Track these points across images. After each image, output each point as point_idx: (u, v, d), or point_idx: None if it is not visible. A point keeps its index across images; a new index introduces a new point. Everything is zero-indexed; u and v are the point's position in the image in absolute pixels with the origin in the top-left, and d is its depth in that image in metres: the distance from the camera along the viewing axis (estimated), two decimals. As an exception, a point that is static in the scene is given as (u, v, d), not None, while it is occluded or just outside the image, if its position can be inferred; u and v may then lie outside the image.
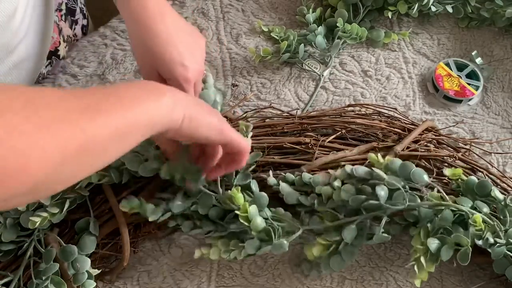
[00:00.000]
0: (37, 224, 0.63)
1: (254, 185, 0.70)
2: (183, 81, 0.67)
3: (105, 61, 0.89)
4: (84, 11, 0.98)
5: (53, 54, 0.88)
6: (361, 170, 0.68)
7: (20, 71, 0.76)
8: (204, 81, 0.74)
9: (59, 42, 0.87)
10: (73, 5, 0.92)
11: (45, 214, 0.64)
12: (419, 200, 0.66)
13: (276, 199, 0.71)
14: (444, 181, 0.73)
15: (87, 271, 0.66)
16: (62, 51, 0.88)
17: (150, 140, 0.67)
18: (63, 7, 0.90)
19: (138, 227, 0.73)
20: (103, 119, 0.45)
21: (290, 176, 0.71)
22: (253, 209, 0.66)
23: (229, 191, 0.67)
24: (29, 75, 0.79)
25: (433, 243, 0.64)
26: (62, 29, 0.89)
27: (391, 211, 0.66)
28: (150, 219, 0.67)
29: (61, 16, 0.89)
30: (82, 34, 0.98)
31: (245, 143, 0.62)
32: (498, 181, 0.76)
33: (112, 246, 0.72)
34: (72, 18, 0.92)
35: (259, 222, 0.66)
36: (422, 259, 0.63)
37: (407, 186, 0.67)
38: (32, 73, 0.81)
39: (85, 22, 0.99)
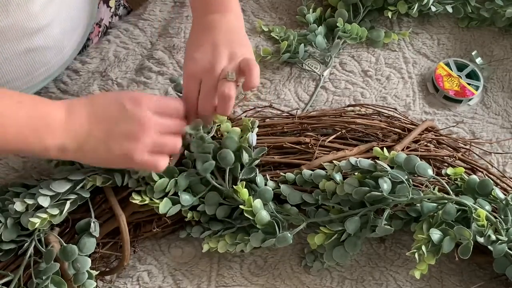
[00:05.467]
0: (37, 225, 0.63)
1: (260, 180, 0.70)
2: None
3: (108, 58, 0.89)
4: None
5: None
6: (365, 162, 0.68)
7: (32, 59, 0.74)
8: None
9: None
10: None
11: (44, 216, 0.64)
12: (422, 194, 0.67)
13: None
14: (444, 181, 0.73)
15: (87, 271, 0.65)
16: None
17: None
18: (102, 23, 0.90)
19: (138, 227, 0.73)
20: None
21: (290, 175, 0.71)
22: (257, 203, 0.68)
23: (234, 186, 0.67)
24: (42, 66, 0.77)
25: (435, 234, 0.64)
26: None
27: (394, 204, 0.67)
28: (160, 212, 0.67)
29: (98, 31, 0.89)
30: None
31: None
32: (498, 181, 0.76)
33: (112, 246, 0.72)
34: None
35: (264, 215, 0.68)
36: (424, 248, 0.64)
37: (410, 180, 0.67)
38: (47, 65, 0.78)
39: None
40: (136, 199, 0.67)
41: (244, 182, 0.68)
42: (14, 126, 0.56)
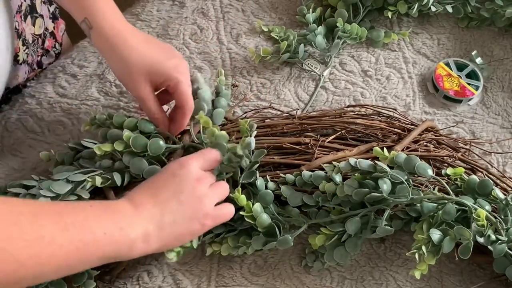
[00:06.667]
0: None
1: (260, 183, 0.70)
2: (178, 73, 0.70)
3: (105, 61, 0.89)
4: None
5: (13, 60, 0.81)
6: (364, 163, 0.68)
7: None
8: (194, 82, 0.75)
9: (19, 48, 0.82)
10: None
11: None
12: (422, 194, 0.67)
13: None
14: (444, 181, 0.73)
15: (87, 271, 0.66)
16: (21, 56, 0.83)
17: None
18: (23, 7, 0.83)
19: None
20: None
21: (290, 177, 0.71)
22: (257, 207, 0.68)
23: (231, 194, 0.67)
24: None
25: (435, 234, 0.64)
26: (23, 32, 0.83)
27: (394, 204, 0.67)
28: None
29: (21, 17, 0.83)
30: (54, 18, 0.93)
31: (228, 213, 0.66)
32: (498, 181, 0.76)
33: (112, 246, 0.72)
34: (35, 14, 0.87)
35: (264, 219, 0.68)
36: (424, 248, 0.64)
37: (410, 180, 0.67)
38: None
39: (52, 8, 0.93)
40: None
41: (241, 189, 0.68)
42: (101, 228, 0.55)
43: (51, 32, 0.93)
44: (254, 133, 0.70)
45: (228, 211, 0.65)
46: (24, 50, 0.84)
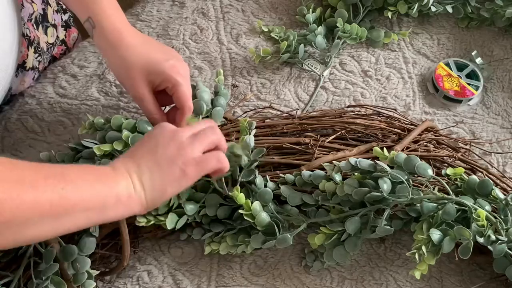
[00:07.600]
0: None
1: (259, 181, 0.70)
2: (176, 75, 0.70)
3: (105, 61, 0.89)
4: (62, 7, 0.95)
5: (20, 66, 0.82)
6: (365, 162, 0.68)
7: None
8: (193, 87, 0.75)
9: (27, 55, 0.82)
10: (44, 9, 0.88)
11: None
12: (422, 194, 0.67)
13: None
14: (444, 181, 0.73)
15: (87, 271, 0.66)
16: (30, 62, 0.83)
17: None
18: (34, 16, 0.84)
19: (138, 227, 0.73)
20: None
21: (289, 176, 0.71)
22: (256, 205, 0.68)
23: (229, 193, 0.67)
24: None
25: (435, 234, 0.64)
26: (35, 39, 0.84)
27: (394, 204, 0.67)
28: (168, 227, 0.68)
29: (33, 25, 0.84)
30: (66, 27, 0.94)
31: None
32: (498, 181, 0.76)
33: (112, 246, 0.72)
34: (46, 24, 0.88)
35: (263, 217, 0.68)
36: (424, 248, 0.64)
37: (410, 180, 0.67)
38: None
39: (66, 16, 0.95)
40: (142, 222, 0.68)
41: (240, 187, 0.68)
42: (85, 182, 0.56)
43: (62, 40, 0.94)
44: (254, 131, 0.70)
45: (214, 157, 0.62)
46: (36, 58, 0.85)
